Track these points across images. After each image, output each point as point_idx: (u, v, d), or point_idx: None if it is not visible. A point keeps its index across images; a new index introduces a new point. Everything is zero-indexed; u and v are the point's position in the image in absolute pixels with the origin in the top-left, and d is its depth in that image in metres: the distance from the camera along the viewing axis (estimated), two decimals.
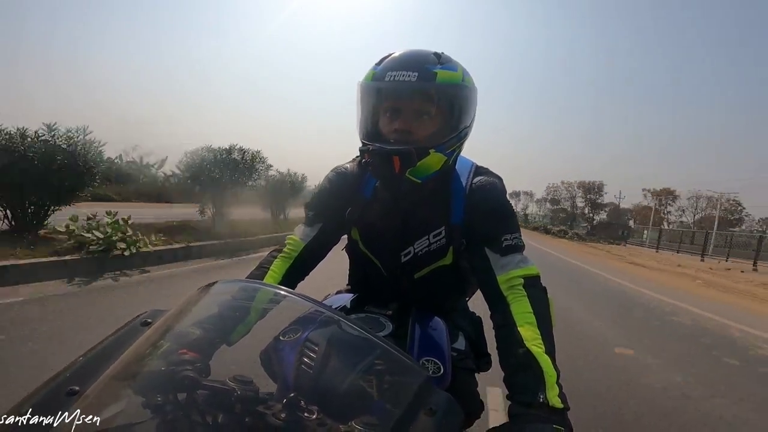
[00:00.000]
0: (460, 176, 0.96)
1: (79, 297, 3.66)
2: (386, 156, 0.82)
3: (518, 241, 0.88)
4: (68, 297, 3.61)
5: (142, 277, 4.67)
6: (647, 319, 5.22)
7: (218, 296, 0.71)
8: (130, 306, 3.47)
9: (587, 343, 3.78)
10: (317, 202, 1.02)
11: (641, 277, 10.35)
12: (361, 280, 1.13)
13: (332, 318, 0.67)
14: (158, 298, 3.90)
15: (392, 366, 0.63)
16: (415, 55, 0.86)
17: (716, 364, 3.62)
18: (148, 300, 3.78)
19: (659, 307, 6.17)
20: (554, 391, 0.68)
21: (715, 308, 6.38)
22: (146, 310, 0.72)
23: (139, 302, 3.64)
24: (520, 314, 0.79)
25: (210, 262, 6.17)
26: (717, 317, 5.68)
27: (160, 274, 4.92)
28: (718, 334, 4.74)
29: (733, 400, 2.84)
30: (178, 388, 0.54)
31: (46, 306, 3.29)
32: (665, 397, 2.77)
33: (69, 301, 3.48)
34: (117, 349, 0.59)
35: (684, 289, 8.57)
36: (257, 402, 0.55)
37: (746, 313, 6.28)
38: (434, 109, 0.85)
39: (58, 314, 3.13)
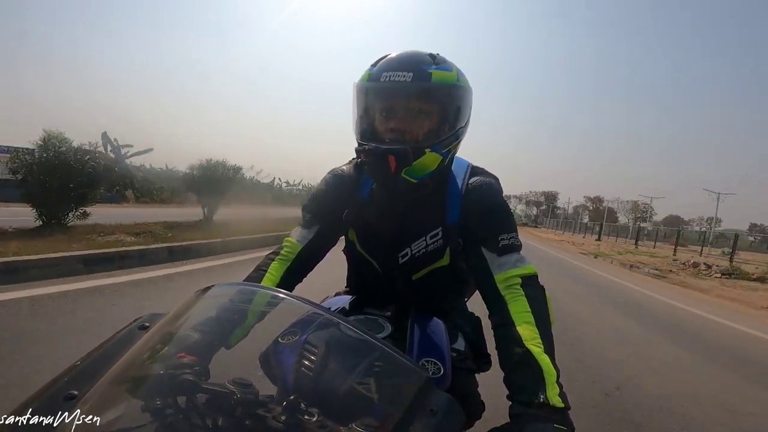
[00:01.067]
0: (455, 177, 0.96)
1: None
2: (382, 155, 0.83)
3: (515, 240, 0.88)
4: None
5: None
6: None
7: (215, 299, 0.70)
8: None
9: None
10: (314, 204, 1.01)
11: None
12: (360, 282, 1.13)
13: (331, 320, 0.67)
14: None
15: (392, 367, 0.63)
16: (411, 55, 0.86)
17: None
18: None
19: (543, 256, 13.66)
20: (554, 390, 0.68)
21: (570, 257, 14.42)
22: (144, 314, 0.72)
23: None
24: (519, 314, 0.79)
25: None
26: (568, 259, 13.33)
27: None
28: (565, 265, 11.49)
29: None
30: (177, 391, 0.53)
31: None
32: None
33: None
34: (115, 353, 0.59)
35: (562, 248, 18.52)
36: (257, 405, 0.55)
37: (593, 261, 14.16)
38: (430, 109, 0.86)
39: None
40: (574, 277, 9.06)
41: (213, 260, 5.76)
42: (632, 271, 11.54)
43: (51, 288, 3.56)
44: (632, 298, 6.84)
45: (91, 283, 3.83)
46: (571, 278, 8.67)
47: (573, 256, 14.85)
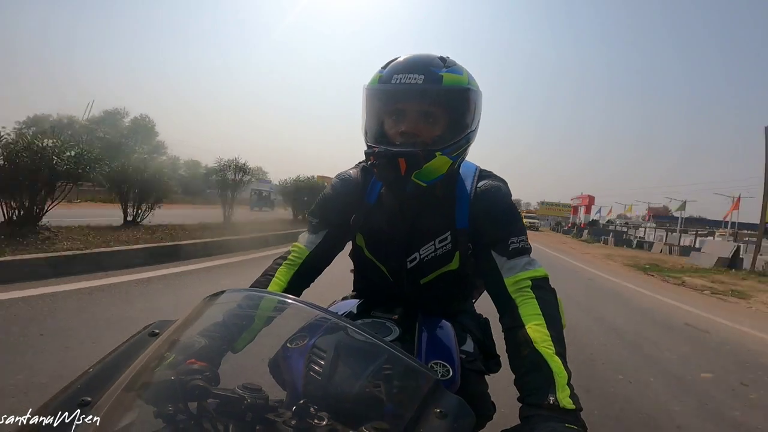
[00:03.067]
0: (464, 180, 0.96)
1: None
2: (392, 158, 0.82)
3: (525, 243, 0.88)
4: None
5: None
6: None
7: (224, 305, 0.71)
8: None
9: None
10: (321, 209, 1.02)
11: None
12: (367, 286, 1.13)
13: (339, 324, 0.67)
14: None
15: (401, 370, 0.63)
16: (421, 58, 0.86)
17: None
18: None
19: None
20: (565, 392, 0.67)
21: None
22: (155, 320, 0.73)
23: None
24: (529, 316, 0.78)
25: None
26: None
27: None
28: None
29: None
30: (188, 397, 0.54)
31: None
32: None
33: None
34: (126, 360, 0.60)
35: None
36: (267, 409, 0.55)
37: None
38: (440, 112, 0.86)
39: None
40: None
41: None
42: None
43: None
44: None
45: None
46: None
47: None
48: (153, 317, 0.79)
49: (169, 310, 3.28)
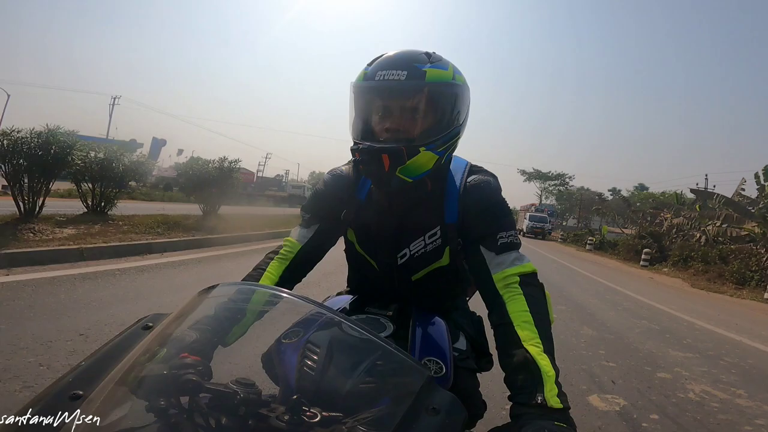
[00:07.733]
0: (454, 176, 0.96)
1: None
2: (375, 154, 0.82)
3: (514, 238, 0.88)
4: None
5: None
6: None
7: (217, 299, 0.70)
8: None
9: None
10: (313, 204, 1.02)
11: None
12: (360, 282, 1.13)
13: (333, 319, 0.67)
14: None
15: (394, 366, 0.63)
16: (406, 54, 0.86)
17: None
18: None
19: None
20: (553, 391, 0.68)
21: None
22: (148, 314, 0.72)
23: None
24: (517, 313, 0.78)
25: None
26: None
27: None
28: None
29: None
30: (180, 391, 0.53)
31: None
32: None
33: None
34: (119, 353, 0.59)
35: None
36: (260, 404, 0.55)
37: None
38: (424, 108, 0.85)
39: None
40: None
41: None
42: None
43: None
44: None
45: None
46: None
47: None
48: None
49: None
